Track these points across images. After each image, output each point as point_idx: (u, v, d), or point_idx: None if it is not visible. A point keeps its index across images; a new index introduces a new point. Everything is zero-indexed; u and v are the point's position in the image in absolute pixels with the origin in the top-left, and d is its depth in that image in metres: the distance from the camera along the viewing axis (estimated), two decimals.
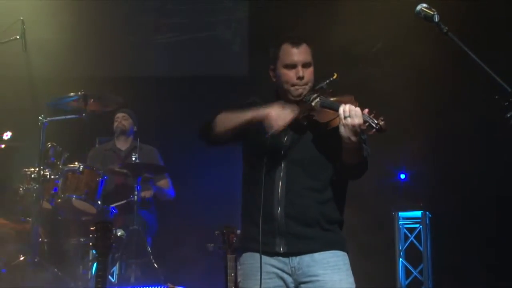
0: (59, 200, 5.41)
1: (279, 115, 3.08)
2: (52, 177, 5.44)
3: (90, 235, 5.28)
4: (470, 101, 6.55)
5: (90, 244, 5.23)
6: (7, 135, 6.45)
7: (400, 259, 6.78)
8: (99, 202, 5.48)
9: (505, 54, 6.06)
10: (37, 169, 5.29)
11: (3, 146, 6.56)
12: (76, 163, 5.54)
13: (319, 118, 3.14)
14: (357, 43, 6.77)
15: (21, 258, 5.25)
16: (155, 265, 5.51)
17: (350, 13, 6.77)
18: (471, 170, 6.74)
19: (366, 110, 2.98)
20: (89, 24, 7.55)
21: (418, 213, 6.85)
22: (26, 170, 5.49)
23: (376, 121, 2.94)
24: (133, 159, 5.91)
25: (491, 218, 6.65)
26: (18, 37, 5.04)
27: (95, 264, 5.33)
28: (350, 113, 2.96)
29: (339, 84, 3.28)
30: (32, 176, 5.39)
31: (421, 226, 6.81)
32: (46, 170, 5.43)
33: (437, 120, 6.91)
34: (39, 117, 5.37)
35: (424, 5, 2.87)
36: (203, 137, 3.35)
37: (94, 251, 4.98)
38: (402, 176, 7.20)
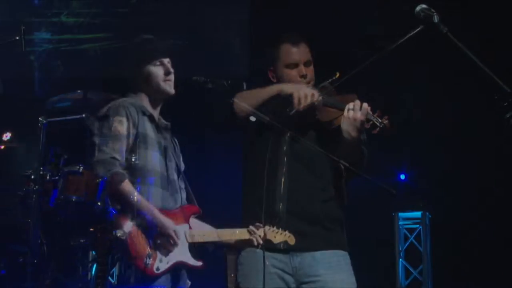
0: (58, 201, 5.40)
1: (304, 94, 3.05)
2: (52, 178, 5.43)
3: (90, 236, 5.28)
4: (470, 102, 6.54)
5: (90, 245, 5.21)
6: (6, 136, 6.43)
7: (400, 259, 6.78)
8: (99, 203, 5.47)
9: (505, 55, 6.06)
10: (37, 170, 5.27)
11: (2, 147, 6.55)
12: (76, 164, 5.53)
13: (321, 116, 3.14)
14: (357, 43, 6.77)
15: (21, 260, 5.23)
16: None
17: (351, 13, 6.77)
18: (471, 170, 6.73)
19: (369, 108, 2.97)
20: (90, 25, 7.54)
21: (418, 214, 6.86)
22: (26, 171, 5.47)
23: (380, 120, 2.92)
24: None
25: (491, 218, 6.65)
26: (17, 37, 5.01)
27: (95, 265, 5.32)
28: (355, 107, 2.95)
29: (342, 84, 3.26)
30: (32, 177, 5.37)
31: (421, 227, 6.82)
32: (46, 171, 5.42)
33: (438, 120, 6.91)
34: (39, 118, 5.34)
35: (424, 5, 2.86)
36: (221, 115, 3.36)
37: (93, 252, 4.97)
38: (402, 176, 7.20)
